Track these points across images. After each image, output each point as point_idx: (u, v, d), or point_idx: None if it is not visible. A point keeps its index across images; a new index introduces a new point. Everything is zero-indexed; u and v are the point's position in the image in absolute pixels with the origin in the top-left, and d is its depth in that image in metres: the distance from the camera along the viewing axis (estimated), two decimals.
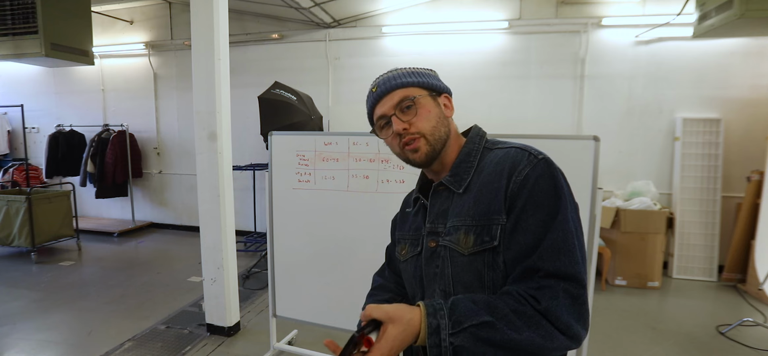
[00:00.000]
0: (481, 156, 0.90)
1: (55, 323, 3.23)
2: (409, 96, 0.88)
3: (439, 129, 0.89)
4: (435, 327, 0.72)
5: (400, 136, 0.88)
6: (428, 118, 0.88)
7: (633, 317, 3.38)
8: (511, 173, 0.81)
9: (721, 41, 4.10)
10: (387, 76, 0.92)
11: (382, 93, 0.90)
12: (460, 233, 0.83)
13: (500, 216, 0.80)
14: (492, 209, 0.81)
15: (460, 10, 4.74)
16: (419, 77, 0.91)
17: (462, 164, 0.89)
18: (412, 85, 0.90)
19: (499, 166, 0.83)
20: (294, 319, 2.63)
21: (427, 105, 0.89)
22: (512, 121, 4.66)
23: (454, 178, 0.89)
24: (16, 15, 3.35)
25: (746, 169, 4.06)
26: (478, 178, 0.86)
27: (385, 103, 0.90)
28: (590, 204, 1.85)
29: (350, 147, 2.32)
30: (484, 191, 0.83)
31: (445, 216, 0.88)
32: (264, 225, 5.34)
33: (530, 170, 0.80)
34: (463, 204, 0.85)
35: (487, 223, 0.81)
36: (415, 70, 0.93)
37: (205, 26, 2.79)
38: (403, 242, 0.99)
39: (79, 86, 6.22)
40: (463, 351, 0.72)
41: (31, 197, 4.58)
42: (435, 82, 0.93)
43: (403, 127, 0.87)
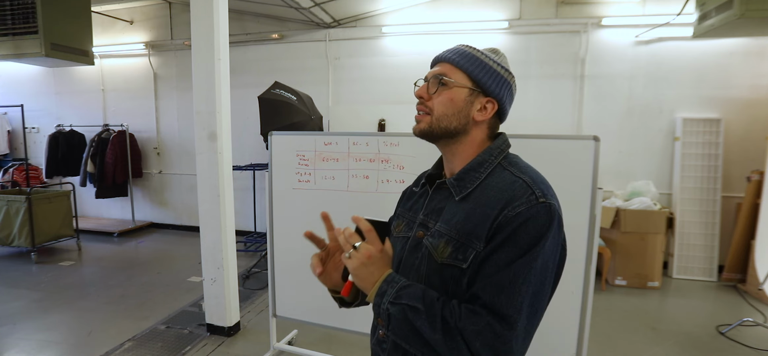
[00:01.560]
0: (493, 171, 0.87)
1: (55, 323, 3.23)
2: (447, 75, 0.88)
3: (450, 120, 0.87)
4: (383, 291, 0.82)
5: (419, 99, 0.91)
6: (446, 104, 0.87)
7: (633, 317, 3.38)
8: (506, 205, 0.79)
9: (721, 41, 4.10)
10: (457, 48, 0.92)
11: (439, 58, 0.92)
12: (442, 241, 0.85)
13: (479, 243, 0.79)
14: (475, 233, 0.80)
15: (460, 10, 4.74)
16: (475, 66, 0.88)
17: (470, 172, 0.88)
18: (461, 68, 0.88)
19: (501, 193, 0.82)
20: (294, 319, 2.63)
21: (457, 94, 0.88)
22: (512, 121, 4.54)
23: (458, 184, 0.88)
24: (16, 15, 3.35)
25: (746, 169, 4.06)
26: (481, 194, 0.85)
27: (435, 66, 0.92)
28: (590, 204, 1.84)
29: (350, 147, 2.32)
30: (478, 212, 0.82)
31: (438, 214, 0.90)
32: (264, 225, 5.34)
33: (525, 209, 0.78)
34: (456, 213, 0.86)
35: (466, 243, 0.81)
36: (480, 58, 0.89)
37: (205, 26, 2.79)
38: (401, 219, 1.00)
39: (79, 86, 6.22)
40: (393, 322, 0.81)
41: (31, 197, 4.58)
42: (488, 81, 0.88)
43: (422, 96, 0.90)
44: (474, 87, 0.88)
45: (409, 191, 1.06)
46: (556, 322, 1.97)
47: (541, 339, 1.99)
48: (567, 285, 1.93)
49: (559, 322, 1.96)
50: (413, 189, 1.03)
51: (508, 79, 0.92)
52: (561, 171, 1.89)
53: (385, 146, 2.24)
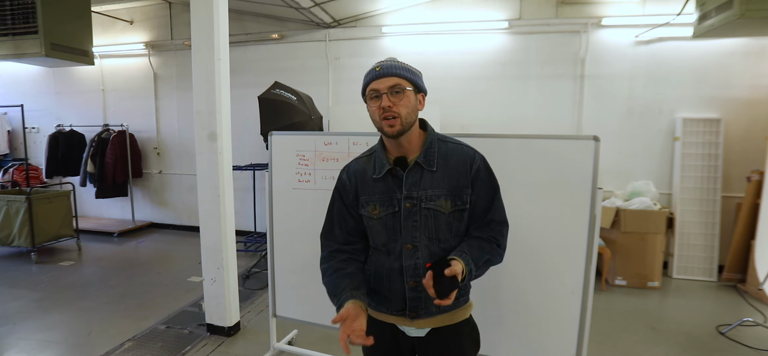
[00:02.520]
0: (438, 146, 1.26)
1: (55, 323, 3.23)
2: (400, 85, 1.18)
3: (411, 116, 1.20)
4: (470, 270, 1.15)
5: (384, 110, 1.17)
6: (407, 106, 1.19)
7: (633, 317, 3.38)
8: (471, 164, 1.25)
9: (721, 41, 4.09)
10: (389, 63, 1.21)
11: (382, 74, 1.19)
12: (441, 200, 1.22)
13: (468, 189, 1.24)
14: (461, 185, 1.23)
15: (460, 10, 4.73)
16: (411, 75, 1.22)
17: (429, 150, 1.24)
18: (405, 78, 1.20)
19: (461, 157, 1.25)
20: (294, 319, 2.63)
21: (410, 97, 1.20)
22: (512, 120, 4.66)
23: (426, 160, 1.23)
24: (16, 15, 3.35)
25: (746, 169, 4.06)
26: (444, 162, 1.24)
27: (381, 82, 1.18)
28: (590, 204, 1.84)
29: (350, 147, 2.32)
30: (453, 173, 1.23)
31: (418, 186, 1.23)
32: (264, 225, 5.34)
33: (481, 163, 1.26)
34: (436, 179, 1.23)
35: (460, 193, 1.23)
36: (411, 68, 1.24)
37: (205, 26, 2.79)
38: (372, 203, 1.28)
39: (79, 86, 6.22)
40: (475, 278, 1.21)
41: (31, 197, 4.58)
42: (420, 82, 1.25)
43: (389, 105, 1.17)
44: (415, 88, 1.22)
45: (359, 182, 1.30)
46: (556, 322, 1.98)
47: (542, 339, 2.00)
48: (567, 285, 1.93)
49: (559, 322, 1.96)
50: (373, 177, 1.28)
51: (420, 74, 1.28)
52: (561, 171, 1.89)
53: None
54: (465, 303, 1.34)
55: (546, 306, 1.98)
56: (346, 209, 1.33)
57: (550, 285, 1.96)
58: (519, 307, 2.01)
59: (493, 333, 2.02)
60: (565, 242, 1.91)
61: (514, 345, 2.04)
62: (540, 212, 1.92)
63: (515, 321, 2.03)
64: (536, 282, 1.97)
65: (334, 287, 1.25)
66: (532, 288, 1.98)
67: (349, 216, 1.32)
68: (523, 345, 2.03)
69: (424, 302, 1.25)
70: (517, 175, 1.93)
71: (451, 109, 4.73)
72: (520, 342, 2.03)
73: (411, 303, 1.26)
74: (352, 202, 1.32)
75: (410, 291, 1.25)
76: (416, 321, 1.28)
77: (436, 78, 4.83)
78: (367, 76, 1.23)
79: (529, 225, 1.93)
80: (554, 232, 1.92)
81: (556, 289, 1.95)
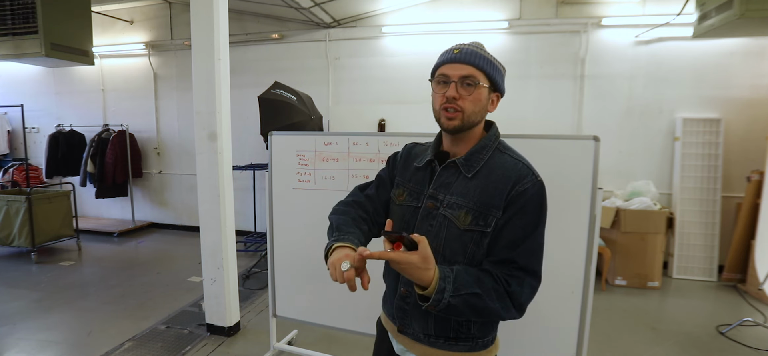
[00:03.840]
0: (492, 154, 1.06)
1: (55, 323, 3.23)
2: (475, 77, 1.01)
3: (477, 115, 1.04)
4: (442, 288, 0.92)
5: (448, 100, 1.02)
6: (476, 103, 1.02)
7: (633, 317, 3.38)
8: (516, 182, 1.00)
9: (721, 41, 4.10)
10: (471, 48, 1.03)
11: (460, 59, 1.02)
12: (462, 211, 1.02)
13: (498, 211, 1.00)
14: (493, 203, 1.00)
15: (460, 10, 4.73)
16: (492, 69, 1.04)
17: (476, 154, 1.06)
18: (483, 70, 1.02)
19: (509, 172, 1.02)
20: (294, 319, 2.63)
21: (482, 94, 1.03)
22: (512, 120, 4.65)
23: (467, 163, 1.05)
24: (16, 15, 3.35)
25: (746, 169, 4.06)
26: (487, 172, 1.03)
27: (455, 68, 1.02)
28: (590, 204, 1.84)
29: (350, 147, 2.32)
30: (491, 187, 1.01)
31: (447, 188, 1.06)
32: (264, 225, 5.34)
33: (530, 186, 1.00)
34: (468, 187, 1.03)
35: (486, 212, 1.00)
36: (493, 61, 1.05)
37: (205, 26, 2.79)
38: (402, 187, 1.16)
39: (79, 86, 6.22)
40: (451, 309, 0.94)
41: (31, 197, 4.58)
42: (499, 81, 1.07)
43: (454, 96, 1.01)
44: (491, 86, 1.05)
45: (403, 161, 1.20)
46: (556, 322, 1.98)
47: (541, 339, 2.00)
48: (567, 285, 1.93)
49: (559, 322, 1.96)
50: (413, 163, 1.16)
51: (504, 72, 1.10)
52: (561, 171, 1.89)
53: (385, 146, 2.24)
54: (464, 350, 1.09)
55: (546, 306, 1.98)
56: (387, 178, 1.23)
57: (550, 284, 1.95)
58: None
59: None
60: (565, 242, 1.91)
61: (514, 345, 2.04)
62: None
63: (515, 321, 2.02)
64: None
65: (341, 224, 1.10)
66: None
67: (385, 188, 1.22)
68: (523, 345, 2.03)
69: (410, 319, 1.11)
70: None
71: None
72: (520, 342, 2.03)
73: (397, 311, 1.13)
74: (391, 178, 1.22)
75: (399, 299, 1.12)
76: (403, 338, 1.14)
77: None
78: (441, 56, 1.07)
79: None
80: (554, 232, 1.91)
81: (556, 289, 1.95)
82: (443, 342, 1.08)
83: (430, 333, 1.09)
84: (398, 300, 1.13)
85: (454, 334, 1.08)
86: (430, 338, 1.09)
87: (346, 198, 1.24)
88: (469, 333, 1.08)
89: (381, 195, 1.22)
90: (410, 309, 1.10)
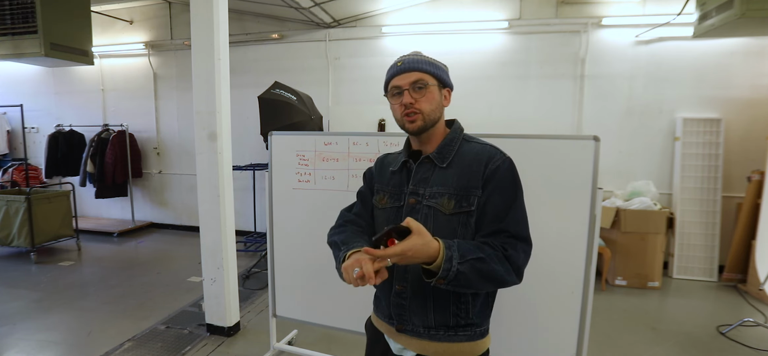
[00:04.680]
0: (460, 144, 1.17)
1: (54, 323, 3.23)
2: (423, 80, 1.12)
3: (435, 113, 1.14)
4: (449, 256, 0.96)
5: (405, 107, 1.11)
6: (430, 102, 1.12)
7: (633, 317, 3.37)
8: (488, 162, 1.10)
9: (722, 41, 4.09)
10: (412, 57, 1.14)
11: (404, 69, 1.12)
12: (444, 198, 1.10)
13: (477, 190, 1.09)
14: (471, 184, 1.09)
15: (460, 10, 4.73)
16: (435, 69, 1.15)
17: (446, 147, 1.16)
18: (428, 72, 1.13)
19: (480, 155, 1.12)
20: (294, 319, 2.62)
21: (434, 92, 1.13)
22: (512, 120, 4.66)
23: (439, 156, 1.14)
24: (16, 15, 3.34)
25: (747, 169, 4.06)
26: (459, 160, 1.13)
27: (403, 77, 1.12)
28: (590, 204, 1.84)
29: (350, 147, 2.32)
30: (466, 171, 1.11)
31: (426, 182, 1.14)
32: (264, 225, 5.33)
33: (501, 163, 1.10)
34: (446, 176, 1.12)
35: (466, 194, 1.09)
36: (435, 62, 1.16)
37: (205, 26, 2.79)
38: (382, 193, 1.23)
39: (78, 86, 6.21)
40: (461, 277, 0.98)
41: (30, 197, 4.58)
42: (445, 77, 1.17)
43: (410, 102, 1.11)
44: (439, 83, 1.15)
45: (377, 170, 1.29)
46: (556, 322, 1.97)
47: (541, 339, 2.00)
48: (567, 285, 1.93)
49: (559, 322, 1.96)
50: (389, 169, 1.24)
51: (446, 69, 1.20)
52: (561, 171, 1.89)
53: (385, 146, 2.24)
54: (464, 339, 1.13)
55: (546, 306, 1.98)
56: (368, 192, 1.30)
57: (550, 285, 1.96)
58: (519, 307, 2.01)
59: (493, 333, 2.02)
60: (565, 242, 1.90)
61: (514, 345, 2.04)
62: (540, 212, 1.91)
63: (515, 321, 2.02)
64: (536, 282, 1.96)
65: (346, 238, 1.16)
66: (532, 288, 1.97)
67: (368, 201, 1.30)
68: (523, 345, 2.02)
69: (409, 314, 1.13)
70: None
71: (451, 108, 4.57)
72: (519, 342, 2.03)
73: (395, 309, 1.15)
74: (371, 189, 1.29)
75: (395, 297, 1.15)
76: (402, 336, 1.16)
77: None
78: (388, 71, 1.16)
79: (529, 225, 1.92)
80: (554, 232, 1.92)
81: (556, 289, 1.94)
82: (444, 332, 1.12)
83: (431, 325, 1.12)
84: (395, 298, 1.15)
85: (454, 321, 1.11)
86: (431, 330, 1.12)
87: (337, 222, 1.30)
88: (468, 319, 1.12)
89: (367, 208, 1.29)
90: (408, 304, 1.13)
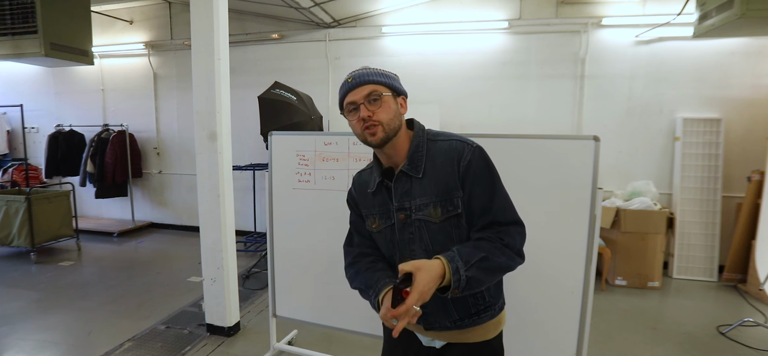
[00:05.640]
0: (428, 146, 1.16)
1: (54, 323, 3.23)
2: (377, 91, 1.11)
3: (394, 121, 1.13)
4: (455, 269, 0.99)
5: (364, 121, 1.11)
6: (388, 112, 1.11)
7: (633, 317, 3.37)
8: (459, 160, 1.11)
9: (722, 41, 4.09)
10: (361, 72, 1.14)
11: (356, 84, 1.12)
12: (430, 208, 1.12)
13: (458, 191, 1.11)
14: (450, 187, 1.11)
15: (460, 10, 4.73)
16: (387, 79, 1.14)
17: (415, 155, 1.15)
18: (380, 83, 1.12)
19: (449, 155, 1.13)
20: (294, 319, 2.63)
21: (389, 102, 1.12)
22: (512, 120, 4.66)
23: (412, 166, 1.15)
24: (16, 15, 3.34)
25: (747, 169, 4.06)
26: (432, 165, 1.14)
27: (356, 92, 1.11)
28: (590, 204, 1.84)
29: (350, 147, 2.32)
30: (441, 175, 1.12)
31: (409, 195, 1.15)
32: (264, 225, 5.33)
33: (471, 156, 1.11)
34: (424, 186, 1.13)
35: (449, 197, 1.11)
36: (384, 72, 1.16)
37: (205, 26, 2.79)
38: (372, 217, 1.24)
39: (78, 86, 6.21)
40: (472, 281, 1.01)
41: (30, 197, 4.58)
42: (398, 85, 1.17)
43: (368, 115, 1.10)
44: (393, 92, 1.14)
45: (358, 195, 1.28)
46: (556, 322, 1.97)
47: (541, 339, 2.00)
48: (567, 285, 1.93)
49: (559, 322, 1.96)
50: (367, 191, 1.24)
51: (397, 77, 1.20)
52: (561, 171, 1.89)
53: None
54: (487, 319, 1.20)
55: (546, 306, 1.98)
56: (359, 219, 1.30)
57: (550, 285, 1.96)
58: (519, 307, 2.01)
59: None
60: (565, 242, 1.90)
61: (514, 345, 2.04)
62: (540, 212, 1.92)
63: (515, 321, 2.02)
64: (536, 282, 1.97)
65: (367, 280, 1.18)
66: (532, 288, 1.98)
67: (363, 225, 1.29)
68: (523, 345, 2.02)
69: (433, 318, 1.19)
70: (517, 175, 1.92)
71: (451, 109, 4.73)
72: (519, 342, 2.02)
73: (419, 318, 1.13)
74: (360, 215, 1.29)
75: None
76: (430, 332, 1.23)
77: (436, 78, 4.83)
78: (341, 89, 1.15)
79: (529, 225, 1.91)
80: (554, 232, 1.92)
81: (556, 289, 1.94)
82: (469, 320, 1.19)
83: (455, 318, 1.19)
84: None
85: (475, 309, 1.18)
86: (457, 322, 1.19)
87: (348, 260, 1.30)
88: (485, 302, 1.19)
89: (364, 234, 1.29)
90: (429, 310, 1.17)
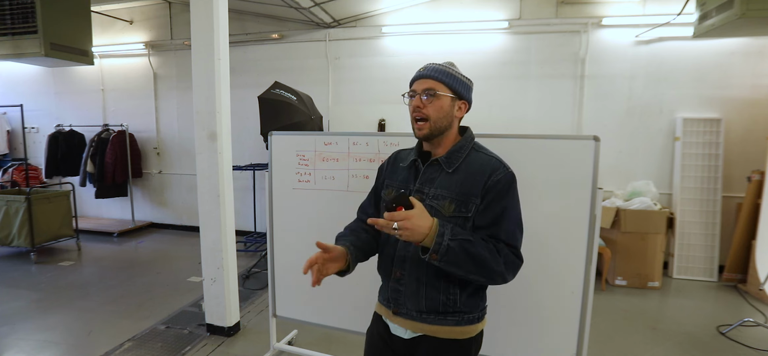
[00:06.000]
0: (469, 153, 1.24)
1: (54, 323, 3.23)
2: (434, 88, 1.20)
3: (442, 121, 1.21)
4: (441, 232, 1.08)
5: (415, 109, 1.21)
6: (438, 110, 1.20)
7: (633, 317, 3.37)
8: (491, 174, 1.18)
9: (722, 41, 4.09)
10: (432, 66, 1.23)
11: (422, 75, 1.22)
12: (446, 201, 1.19)
13: (477, 199, 1.18)
14: (472, 192, 1.18)
15: (460, 10, 4.73)
16: (451, 80, 1.21)
17: (455, 153, 1.23)
18: (442, 82, 1.20)
19: (484, 166, 1.20)
20: (294, 319, 2.63)
21: (444, 102, 1.20)
22: (512, 120, 4.66)
23: (448, 161, 1.23)
24: (16, 15, 3.34)
25: (747, 169, 4.06)
26: (465, 167, 1.21)
27: (420, 83, 1.22)
28: (590, 204, 1.84)
29: (350, 147, 2.32)
30: (470, 179, 1.19)
31: (431, 182, 1.22)
32: (264, 225, 5.33)
33: (503, 176, 1.18)
34: (450, 181, 1.20)
35: (466, 200, 1.18)
36: (453, 74, 1.23)
37: (205, 26, 2.79)
38: (391, 187, 1.33)
39: (78, 86, 6.21)
40: (451, 253, 1.08)
41: (30, 197, 4.58)
42: (461, 90, 1.23)
43: (419, 105, 1.20)
44: (453, 94, 1.22)
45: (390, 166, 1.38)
46: (556, 322, 1.97)
47: (542, 339, 2.00)
48: (567, 285, 1.93)
49: (559, 322, 1.96)
50: (399, 165, 1.33)
51: (470, 84, 1.27)
52: (561, 171, 1.89)
53: (385, 146, 2.24)
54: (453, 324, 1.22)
55: (546, 306, 1.98)
56: (379, 186, 1.41)
57: (550, 285, 1.96)
58: (519, 307, 2.01)
59: (493, 333, 2.02)
60: (565, 242, 1.91)
61: (514, 345, 2.04)
62: (540, 212, 1.92)
63: (515, 321, 2.02)
64: (536, 282, 1.97)
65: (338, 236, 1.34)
66: (532, 288, 1.98)
67: (370, 207, 1.43)
68: (523, 345, 2.02)
69: (404, 299, 1.25)
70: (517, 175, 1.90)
71: None
72: (519, 342, 2.03)
73: (392, 293, 1.27)
74: (381, 183, 1.39)
75: (393, 282, 1.26)
76: (398, 318, 1.27)
77: None
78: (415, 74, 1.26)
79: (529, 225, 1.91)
80: (554, 232, 1.92)
81: (556, 289, 1.94)
82: (434, 317, 1.22)
83: (422, 309, 1.22)
84: (393, 283, 1.27)
85: (443, 308, 1.21)
86: (422, 314, 1.23)
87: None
88: (455, 307, 1.21)
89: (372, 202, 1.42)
90: (404, 289, 1.24)
